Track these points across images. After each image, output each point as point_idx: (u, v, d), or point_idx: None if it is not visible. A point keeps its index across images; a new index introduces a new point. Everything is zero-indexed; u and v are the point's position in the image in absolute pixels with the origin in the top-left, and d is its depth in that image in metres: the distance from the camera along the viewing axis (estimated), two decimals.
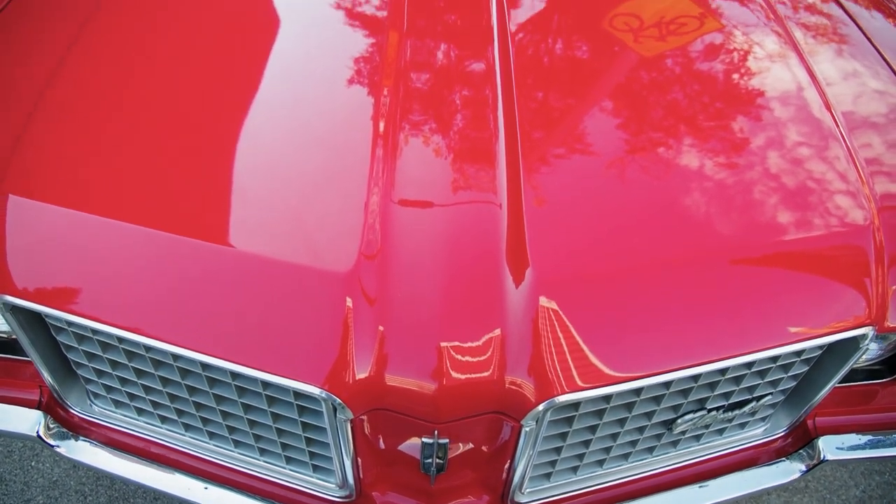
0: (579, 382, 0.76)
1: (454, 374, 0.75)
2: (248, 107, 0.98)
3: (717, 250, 0.84)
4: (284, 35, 1.14)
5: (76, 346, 0.87)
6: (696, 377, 0.82)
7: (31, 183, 0.85)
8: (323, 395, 0.75)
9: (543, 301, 0.76)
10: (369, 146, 0.90)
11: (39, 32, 1.09)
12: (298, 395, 0.79)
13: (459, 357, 0.75)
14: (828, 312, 0.83)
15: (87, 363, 0.90)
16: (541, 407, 0.75)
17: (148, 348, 0.81)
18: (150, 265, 0.80)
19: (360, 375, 0.75)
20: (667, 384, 0.81)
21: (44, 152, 0.88)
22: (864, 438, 0.98)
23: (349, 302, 0.76)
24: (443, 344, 0.75)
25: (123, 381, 0.90)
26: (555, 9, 1.30)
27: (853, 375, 0.99)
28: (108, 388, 0.94)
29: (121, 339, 0.82)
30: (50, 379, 0.94)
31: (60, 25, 1.09)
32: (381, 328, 0.75)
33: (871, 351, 0.95)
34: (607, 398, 0.80)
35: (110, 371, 0.89)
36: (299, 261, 0.77)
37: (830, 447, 0.96)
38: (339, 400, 0.75)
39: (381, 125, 0.93)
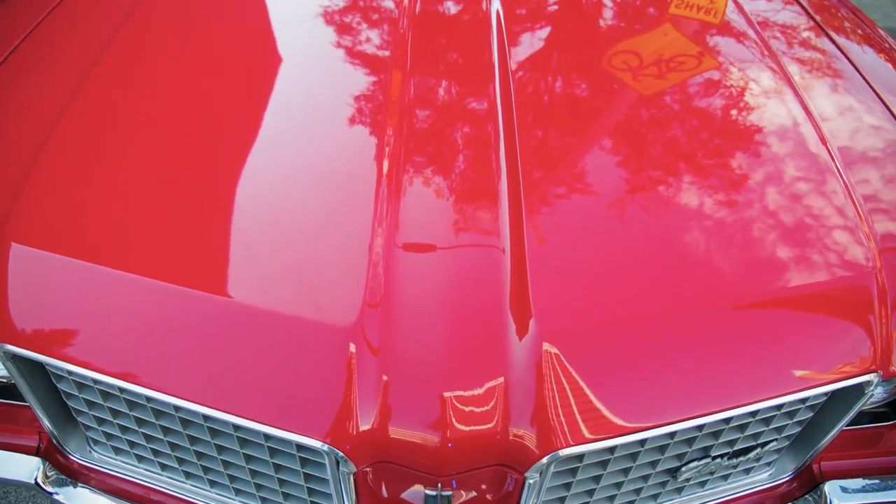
0: (583, 434, 0.75)
1: (458, 426, 0.74)
2: (251, 152, 0.98)
3: (720, 297, 0.83)
4: (288, 76, 1.15)
5: (76, 393, 0.87)
6: (700, 426, 0.81)
7: (33, 232, 0.85)
8: (325, 448, 0.74)
9: (546, 352, 0.76)
10: (373, 187, 0.91)
11: (42, 82, 1.10)
12: (301, 447, 0.78)
13: (463, 408, 0.75)
14: (832, 359, 0.83)
15: (87, 411, 0.89)
16: (544, 460, 0.75)
17: (149, 398, 0.81)
18: (152, 316, 0.79)
19: (364, 427, 0.75)
20: (671, 434, 0.80)
21: (46, 201, 0.89)
22: (870, 482, 0.96)
23: (352, 354, 0.75)
24: (446, 394, 0.74)
25: (124, 428, 0.90)
26: (554, 47, 1.31)
27: (859, 418, 0.98)
28: (109, 436, 0.93)
29: (122, 389, 0.81)
30: (49, 425, 0.93)
31: (62, 75, 1.10)
32: (384, 378, 0.75)
33: (877, 394, 0.94)
34: (611, 449, 0.79)
35: (111, 419, 0.88)
36: (302, 313, 0.77)
37: (837, 491, 0.95)
38: (341, 454, 0.74)
39: (385, 165, 0.94)
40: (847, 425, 0.93)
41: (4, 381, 0.97)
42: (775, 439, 0.90)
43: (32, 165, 0.92)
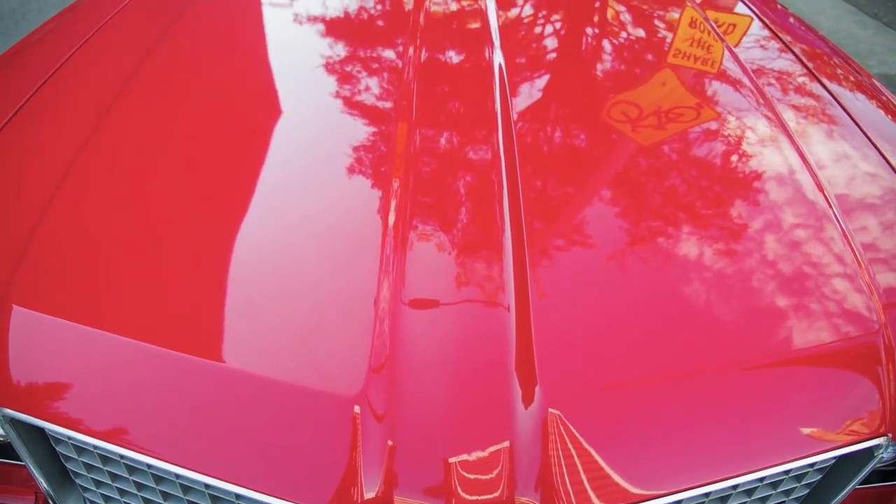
0: (591, 503, 0.74)
1: (463, 495, 0.73)
2: (257, 210, 0.98)
3: (724, 359, 0.83)
4: (293, 131, 1.16)
5: (75, 457, 0.85)
6: (707, 493, 0.80)
7: (35, 295, 0.85)
8: None
9: (552, 420, 0.76)
10: (379, 240, 0.91)
11: (43, 146, 1.11)
12: None
13: (468, 475, 0.73)
14: (841, 422, 0.82)
15: (85, 473, 0.88)
16: None
17: (150, 465, 0.79)
18: (153, 383, 0.79)
19: (368, 496, 0.74)
20: (678, 502, 0.79)
21: (49, 265, 0.89)
22: None
23: (356, 422, 0.75)
24: (451, 460, 0.73)
25: (122, 491, 0.88)
26: (555, 98, 1.33)
27: (870, 476, 0.97)
28: (107, 498, 0.91)
29: (122, 455, 0.80)
30: (46, 486, 0.92)
31: (64, 139, 1.11)
32: (389, 443, 0.74)
33: (888, 455, 0.93)
34: None
35: (109, 482, 0.87)
36: (305, 381, 0.77)
37: None
38: None
39: (392, 218, 0.94)
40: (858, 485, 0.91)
41: (1, 440, 0.96)
42: (783, 501, 0.88)
43: (36, 229, 0.92)
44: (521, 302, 0.85)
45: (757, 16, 1.74)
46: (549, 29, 1.63)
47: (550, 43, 1.54)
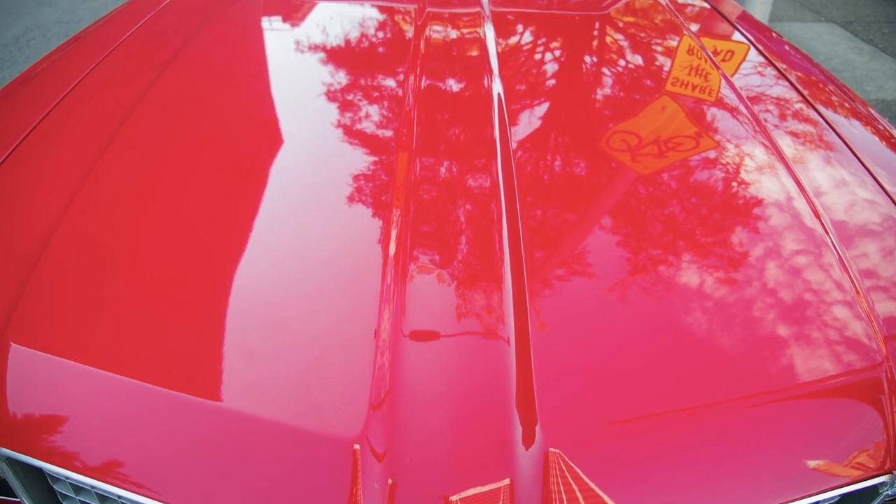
0: None
1: None
2: (258, 244, 0.99)
3: (727, 396, 0.83)
4: (292, 161, 1.17)
5: (73, 496, 0.84)
6: None
7: (34, 332, 0.85)
8: None
9: (552, 458, 0.75)
10: (380, 271, 0.91)
11: (43, 181, 1.11)
12: None
13: None
14: (843, 461, 0.81)
15: None
16: None
17: None
18: (152, 423, 0.78)
19: None
20: None
21: (48, 302, 0.88)
22: None
23: (357, 460, 0.74)
24: (452, 498, 0.73)
25: None
26: (553, 126, 1.34)
27: None
28: None
29: (120, 496, 0.79)
30: None
31: (64, 173, 1.12)
32: (390, 481, 0.73)
33: (893, 491, 0.92)
34: None
35: None
36: (306, 420, 0.76)
37: None
38: None
39: (392, 248, 0.94)
40: None
41: None
42: None
43: (34, 267, 0.92)
44: (521, 334, 0.85)
45: (752, 44, 1.77)
46: (547, 57, 1.65)
47: (549, 71, 1.56)
